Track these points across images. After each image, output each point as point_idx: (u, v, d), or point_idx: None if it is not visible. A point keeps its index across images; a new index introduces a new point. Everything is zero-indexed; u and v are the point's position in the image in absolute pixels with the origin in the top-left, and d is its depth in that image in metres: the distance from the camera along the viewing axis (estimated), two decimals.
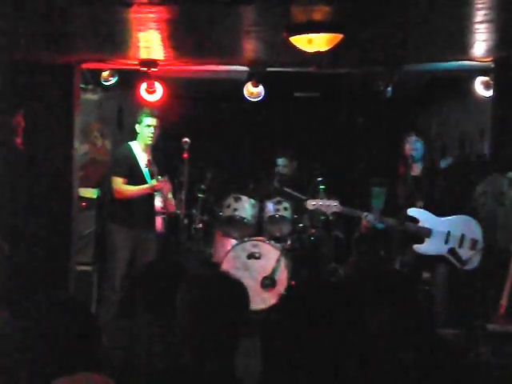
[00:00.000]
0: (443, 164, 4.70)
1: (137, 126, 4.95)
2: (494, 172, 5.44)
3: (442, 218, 4.56)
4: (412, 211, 4.55)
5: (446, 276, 4.56)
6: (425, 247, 4.53)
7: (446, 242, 4.53)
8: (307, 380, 1.51)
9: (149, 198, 4.92)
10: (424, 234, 4.53)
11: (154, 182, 4.86)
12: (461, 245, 4.53)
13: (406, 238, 4.54)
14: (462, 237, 4.53)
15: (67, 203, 5.10)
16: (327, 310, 1.56)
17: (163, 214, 5.05)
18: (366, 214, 4.56)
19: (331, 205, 4.63)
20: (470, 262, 4.50)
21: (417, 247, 4.51)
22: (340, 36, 3.85)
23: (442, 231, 4.53)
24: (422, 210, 4.57)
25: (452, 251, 4.50)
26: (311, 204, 4.69)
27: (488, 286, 4.62)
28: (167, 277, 2.41)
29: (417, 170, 4.71)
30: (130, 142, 5.02)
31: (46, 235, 4.89)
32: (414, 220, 4.55)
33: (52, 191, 4.99)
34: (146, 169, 4.89)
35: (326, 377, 1.52)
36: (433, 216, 4.56)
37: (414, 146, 4.61)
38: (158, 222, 4.99)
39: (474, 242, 4.54)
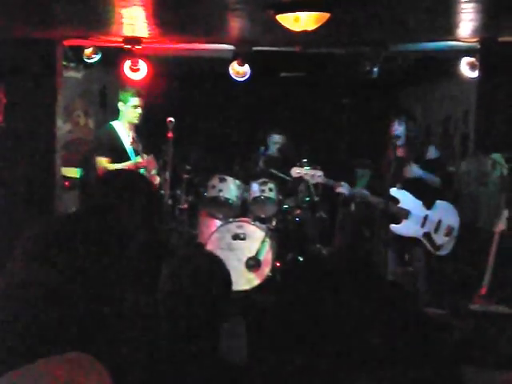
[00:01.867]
0: (430, 155, 4.65)
1: (120, 105, 4.87)
2: (477, 153, 5.47)
3: (422, 202, 4.57)
4: (394, 191, 4.54)
5: (422, 257, 4.58)
6: (400, 228, 4.54)
7: (423, 225, 4.53)
8: (295, 361, 1.51)
9: None
10: (402, 214, 4.53)
11: (138, 159, 4.80)
12: (436, 230, 4.54)
13: (388, 218, 4.54)
14: (439, 222, 4.53)
15: (49, 182, 5.03)
16: (313, 290, 1.55)
17: None
18: (342, 183, 4.57)
19: (315, 175, 4.61)
20: (443, 248, 4.54)
21: (393, 227, 4.52)
22: (327, 15, 3.81)
23: (419, 214, 4.53)
24: (403, 191, 4.56)
25: (427, 235, 4.53)
26: (296, 172, 4.66)
27: (470, 266, 4.66)
28: (152, 256, 2.39)
29: (403, 152, 4.69)
30: (112, 122, 4.94)
31: (28, 215, 4.83)
32: (395, 200, 4.56)
33: (34, 170, 4.91)
34: (131, 147, 4.83)
35: (312, 358, 1.52)
36: (413, 198, 4.55)
37: (400, 130, 4.56)
38: None
39: (450, 229, 4.54)
